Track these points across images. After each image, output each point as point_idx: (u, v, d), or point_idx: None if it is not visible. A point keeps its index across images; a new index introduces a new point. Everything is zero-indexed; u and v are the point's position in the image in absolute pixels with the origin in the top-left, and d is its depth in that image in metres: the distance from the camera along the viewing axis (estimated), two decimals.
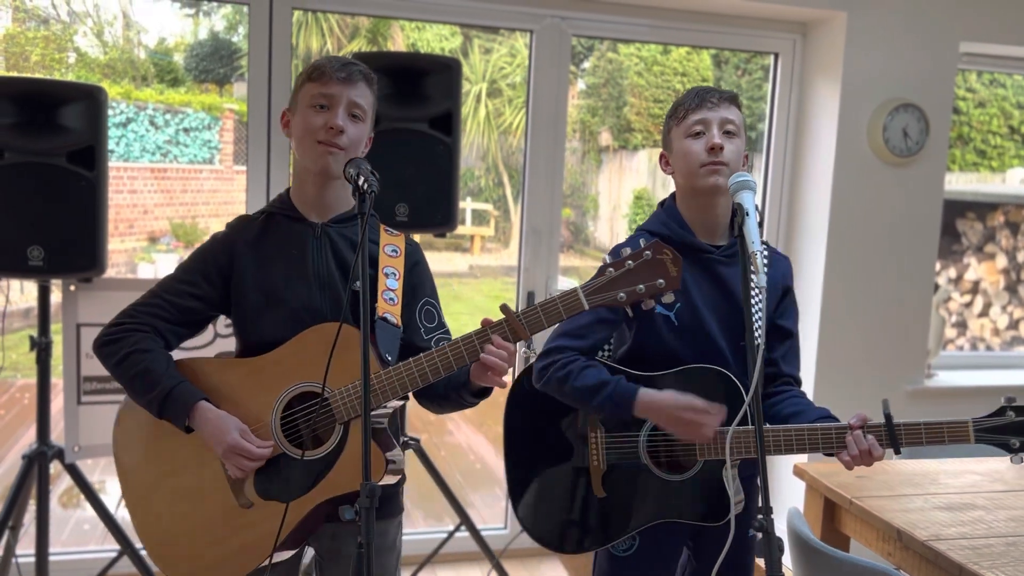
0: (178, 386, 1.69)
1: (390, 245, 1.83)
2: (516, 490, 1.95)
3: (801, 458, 3.11)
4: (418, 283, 1.85)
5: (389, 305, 1.75)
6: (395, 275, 1.79)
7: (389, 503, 1.82)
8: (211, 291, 1.78)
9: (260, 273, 1.76)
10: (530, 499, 1.94)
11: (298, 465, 1.68)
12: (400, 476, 1.79)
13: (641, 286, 1.57)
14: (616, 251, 1.89)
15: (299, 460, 1.67)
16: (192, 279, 1.78)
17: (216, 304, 1.80)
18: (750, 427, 1.69)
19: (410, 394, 1.70)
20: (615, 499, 1.87)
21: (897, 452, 1.74)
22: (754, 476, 1.93)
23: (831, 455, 1.76)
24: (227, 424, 1.67)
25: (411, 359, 1.65)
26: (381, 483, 1.65)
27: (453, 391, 1.74)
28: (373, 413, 1.65)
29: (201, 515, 1.73)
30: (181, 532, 1.75)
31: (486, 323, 1.63)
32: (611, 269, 1.59)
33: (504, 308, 1.62)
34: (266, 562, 1.67)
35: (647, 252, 1.58)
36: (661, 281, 1.57)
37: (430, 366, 1.64)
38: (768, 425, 1.79)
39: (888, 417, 1.73)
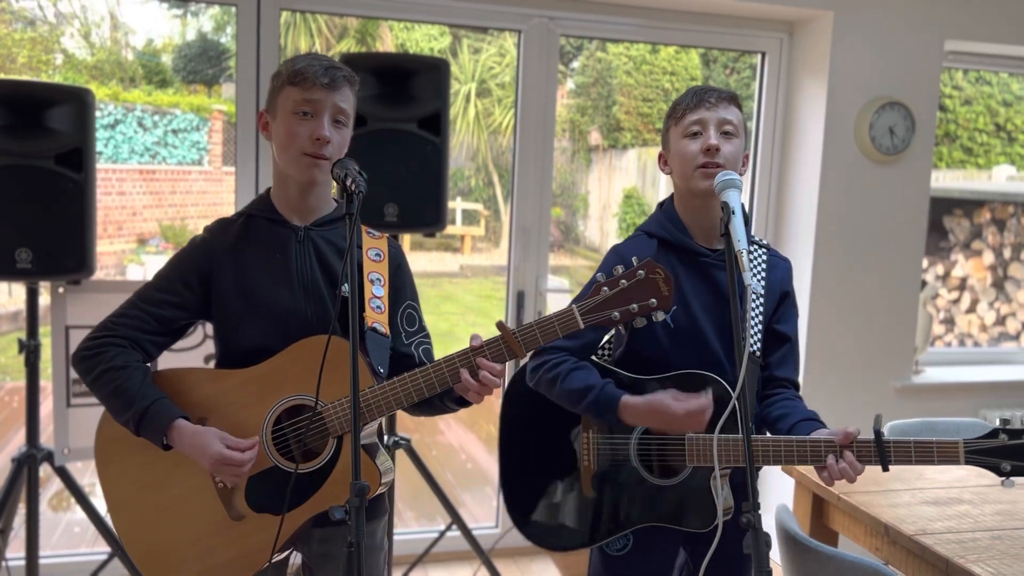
0: (153, 404, 1.63)
1: (373, 249, 1.78)
2: (509, 486, 1.96)
3: None
4: (400, 286, 1.81)
5: (377, 314, 1.71)
6: (380, 281, 1.75)
7: (377, 504, 1.81)
8: (191, 297, 1.72)
9: (241, 278, 1.71)
10: (522, 495, 1.94)
11: (291, 478, 1.63)
12: (391, 480, 1.77)
13: (634, 305, 1.59)
14: (612, 257, 1.89)
15: (292, 473, 1.63)
16: (170, 287, 1.72)
17: (196, 311, 1.74)
18: (738, 436, 1.69)
19: None
20: (603, 500, 1.87)
21: (885, 470, 1.71)
22: (745, 483, 1.93)
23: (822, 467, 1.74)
24: (206, 437, 1.61)
25: (406, 375, 1.62)
26: (376, 493, 1.65)
27: (437, 398, 1.70)
28: (365, 427, 1.64)
29: (191, 527, 1.69)
30: (169, 543, 1.70)
31: (477, 340, 1.61)
32: (606, 288, 1.60)
33: (500, 326, 1.61)
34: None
35: (640, 272, 1.59)
36: (653, 300, 1.58)
37: (425, 382, 1.62)
38: (756, 435, 1.78)
39: (878, 434, 1.70)
